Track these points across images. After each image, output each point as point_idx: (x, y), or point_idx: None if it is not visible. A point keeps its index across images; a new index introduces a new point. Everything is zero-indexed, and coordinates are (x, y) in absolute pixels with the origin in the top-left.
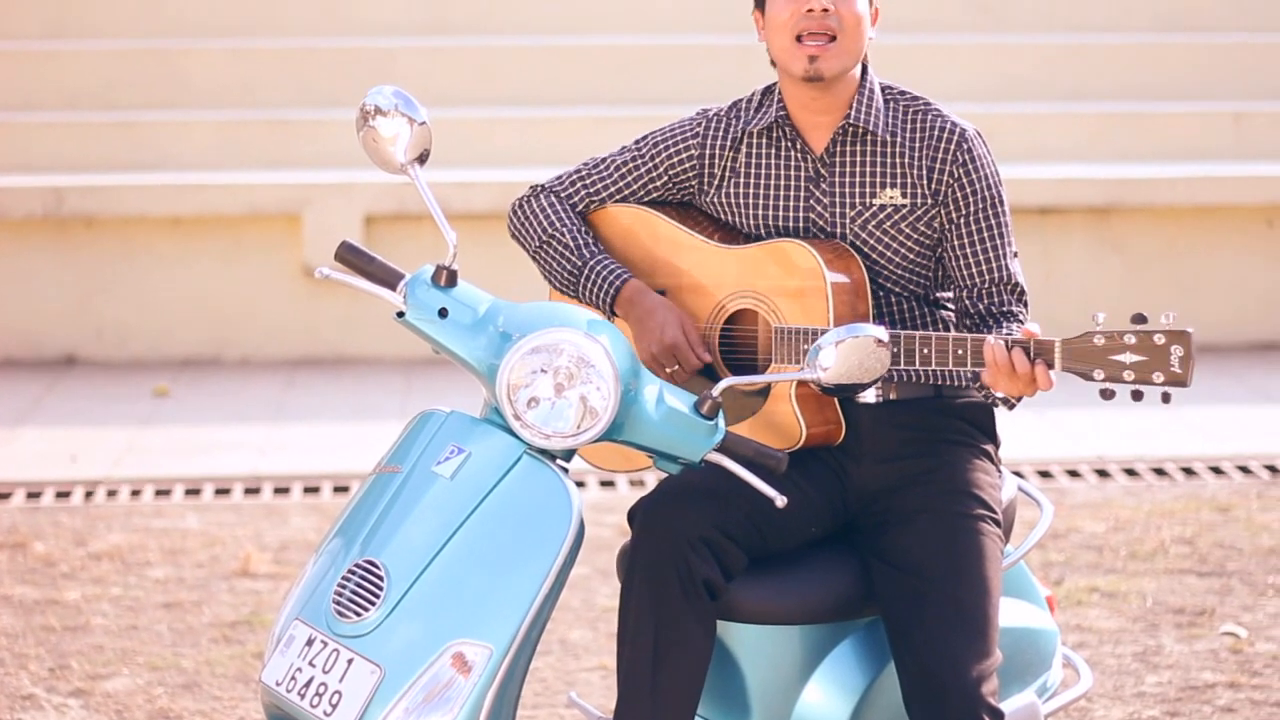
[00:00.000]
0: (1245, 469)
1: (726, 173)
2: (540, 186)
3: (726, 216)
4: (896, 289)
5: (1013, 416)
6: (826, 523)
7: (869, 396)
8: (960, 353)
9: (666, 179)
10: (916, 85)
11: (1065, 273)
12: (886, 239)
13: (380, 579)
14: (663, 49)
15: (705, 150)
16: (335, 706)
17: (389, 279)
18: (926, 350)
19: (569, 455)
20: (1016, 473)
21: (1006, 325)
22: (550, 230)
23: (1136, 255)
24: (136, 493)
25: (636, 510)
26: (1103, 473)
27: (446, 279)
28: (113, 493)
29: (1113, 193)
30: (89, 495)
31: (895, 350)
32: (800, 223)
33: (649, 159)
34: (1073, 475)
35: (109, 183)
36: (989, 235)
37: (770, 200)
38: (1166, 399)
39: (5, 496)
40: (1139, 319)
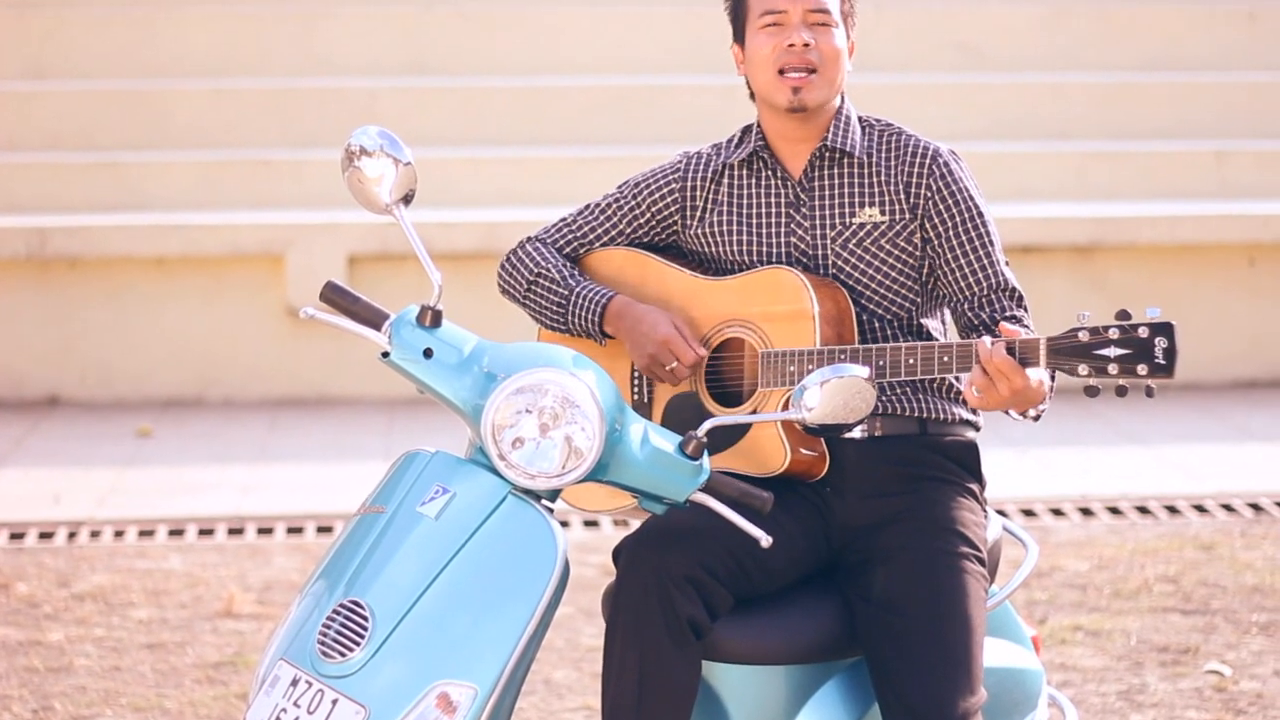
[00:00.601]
0: (1229, 507)
1: (709, 204)
2: (527, 238)
3: (711, 249)
4: (880, 312)
5: (997, 455)
6: (811, 561)
7: (855, 433)
8: (946, 359)
9: (650, 217)
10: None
11: (1048, 311)
12: (869, 257)
13: (365, 619)
14: (645, 89)
15: (686, 186)
16: None
17: (374, 319)
18: (912, 360)
19: (554, 495)
20: (1000, 511)
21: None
22: (536, 270)
23: (1119, 293)
24: (120, 533)
25: (621, 549)
26: (1087, 511)
27: (431, 319)
28: (96, 533)
29: (1095, 231)
30: (72, 536)
31: (882, 364)
32: (783, 248)
33: (632, 200)
34: (1056, 514)
35: (92, 223)
36: (977, 243)
37: (752, 228)
38: (1151, 393)
39: None
40: (1123, 315)
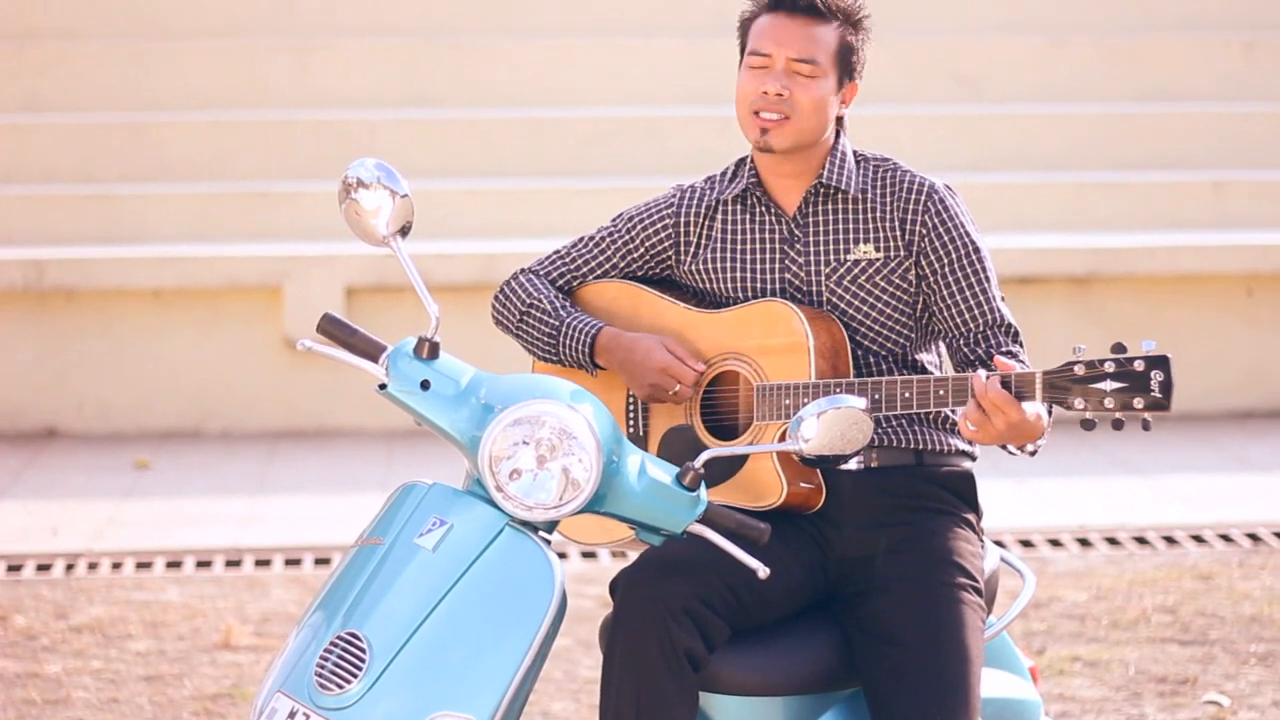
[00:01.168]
0: (1227, 537)
1: (702, 240)
2: (521, 269)
3: (704, 283)
4: (875, 348)
5: (995, 486)
6: (808, 593)
7: (851, 464)
8: (942, 393)
9: (644, 251)
10: (897, 156)
11: (1045, 342)
12: (862, 294)
13: (362, 651)
14: (641, 120)
15: (680, 220)
16: None
17: (371, 351)
18: (908, 394)
19: (551, 527)
20: (998, 542)
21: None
22: (529, 302)
23: (1117, 324)
24: (117, 565)
25: (618, 581)
26: (1084, 542)
27: (428, 351)
28: (94, 565)
29: (1093, 262)
30: (70, 568)
31: (878, 398)
32: (776, 284)
33: (626, 234)
34: (1054, 544)
35: (89, 255)
36: (973, 279)
37: (746, 263)
38: (1147, 426)
39: None
40: (1119, 348)
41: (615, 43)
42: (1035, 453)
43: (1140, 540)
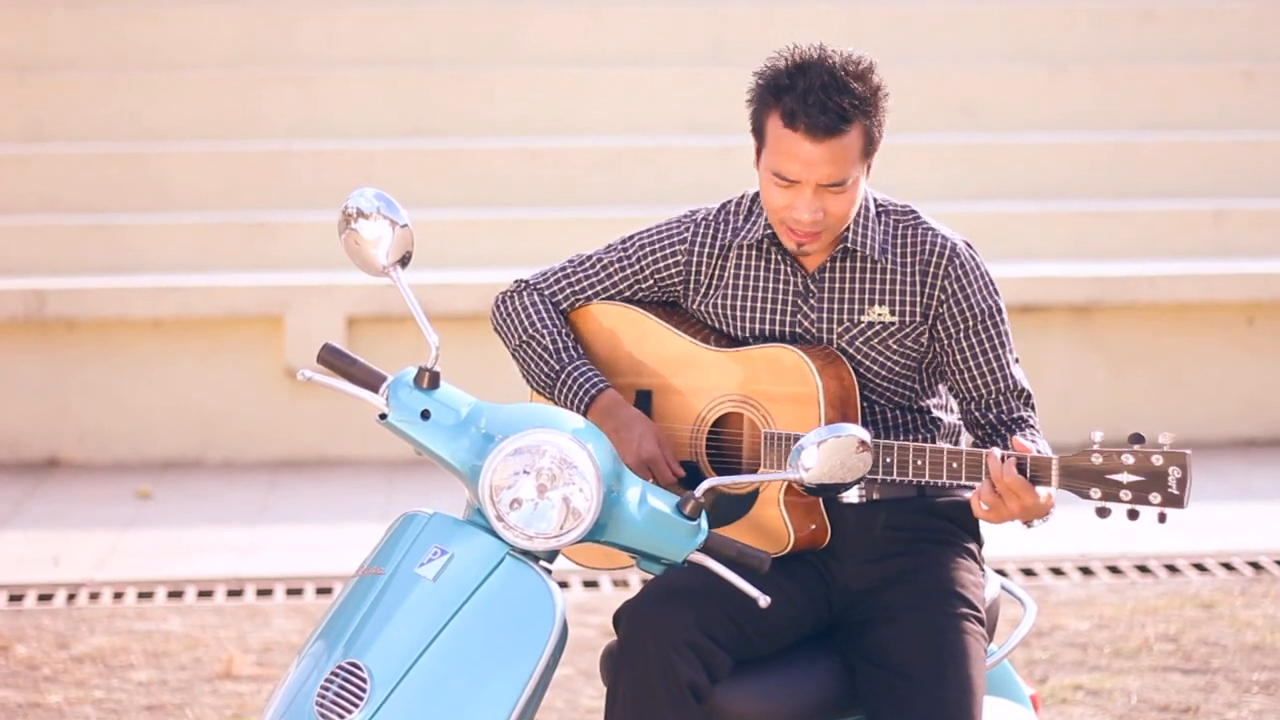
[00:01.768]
0: (1229, 566)
1: (715, 282)
2: (525, 282)
3: (713, 323)
4: (882, 401)
5: None
6: (810, 623)
7: (851, 497)
8: (955, 466)
9: (652, 282)
10: (898, 186)
11: (1047, 371)
12: (874, 354)
13: (363, 681)
14: (641, 150)
15: (693, 257)
16: None
17: (371, 381)
18: (920, 462)
19: (552, 556)
20: (999, 570)
21: (1019, 431)
22: (530, 330)
23: (1118, 353)
24: (119, 595)
25: (622, 613)
26: (1086, 570)
27: (429, 381)
28: (95, 595)
29: (1094, 291)
30: (71, 598)
31: (889, 461)
32: (787, 335)
33: (635, 261)
34: (1056, 573)
35: (90, 285)
36: (989, 347)
37: (758, 311)
38: (1163, 519)
39: None
40: (1136, 439)
41: (615, 73)
42: (1031, 525)
43: (1142, 569)
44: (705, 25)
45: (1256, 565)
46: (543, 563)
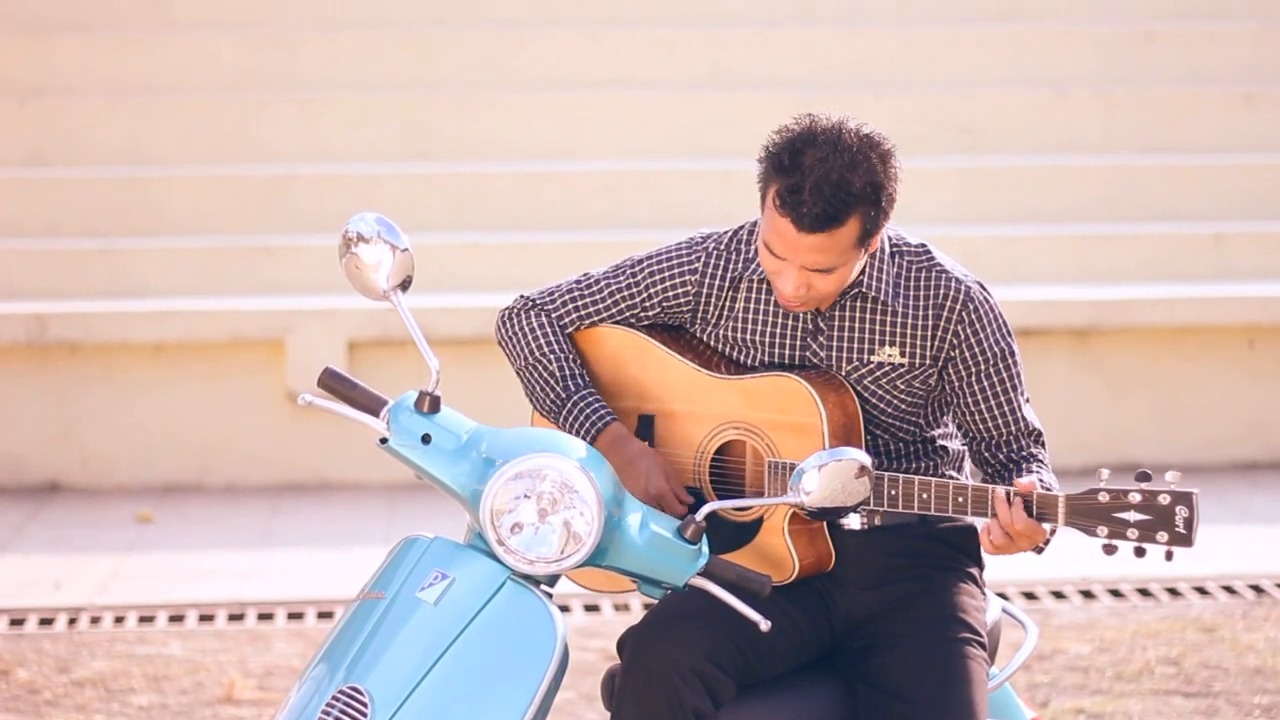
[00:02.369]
0: (1230, 589)
1: (724, 313)
2: (530, 300)
3: (720, 351)
4: (886, 435)
5: None
6: (813, 648)
7: (854, 523)
8: (961, 500)
9: (659, 308)
10: (899, 209)
11: (1046, 395)
12: (881, 392)
13: (364, 705)
14: (643, 174)
15: (703, 287)
16: None
17: (372, 405)
18: (925, 495)
19: (553, 580)
20: (1001, 594)
21: (1028, 468)
22: (538, 353)
23: (1117, 376)
24: (120, 619)
25: (626, 639)
26: (1087, 594)
27: (429, 405)
28: (96, 619)
29: (1093, 314)
30: (72, 622)
31: (894, 493)
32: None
33: (644, 286)
34: (1058, 596)
35: (92, 309)
36: (1001, 390)
37: (766, 346)
38: (1169, 557)
39: None
40: (1143, 477)
41: (615, 97)
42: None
43: (1143, 592)
44: (705, 50)
45: (1258, 588)
46: (544, 587)
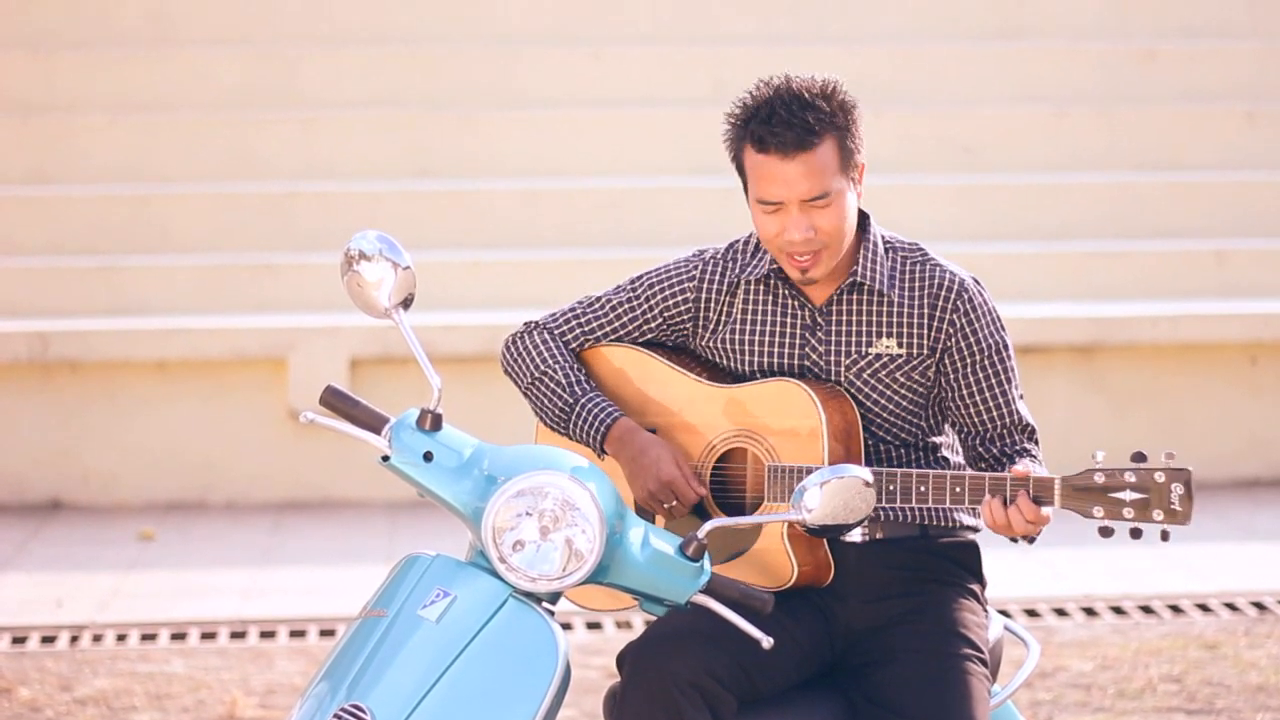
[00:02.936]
0: (1232, 606)
1: (723, 318)
2: (534, 323)
3: (721, 360)
4: (889, 437)
5: (999, 555)
6: (814, 663)
7: (855, 536)
8: (958, 490)
9: (661, 321)
10: (899, 226)
11: (1048, 412)
12: (881, 386)
13: None
14: (644, 191)
15: (701, 294)
16: None
17: (374, 423)
18: (924, 488)
19: (555, 598)
20: (1003, 611)
21: (1021, 462)
22: (542, 368)
23: (1120, 393)
24: (122, 637)
25: (626, 655)
26: (1090, 611)
27: (431, 423)
28: (98, 637)
29: (1095, 331)
30: (74, 640)
31: (892, 488)
32: (795, 369)
33: (645, 301)
34: (1060, 614)
35: (94, 327)
36: (995, 382)
37: (766, 346)
38: (1165, 537)
39: None
40: (1139, 457)
41: (617, 114)
42: (1033, 540)
43: (1146, 609)
44: (707, 67)
45: (1260, 605)
46: (545, 604)
